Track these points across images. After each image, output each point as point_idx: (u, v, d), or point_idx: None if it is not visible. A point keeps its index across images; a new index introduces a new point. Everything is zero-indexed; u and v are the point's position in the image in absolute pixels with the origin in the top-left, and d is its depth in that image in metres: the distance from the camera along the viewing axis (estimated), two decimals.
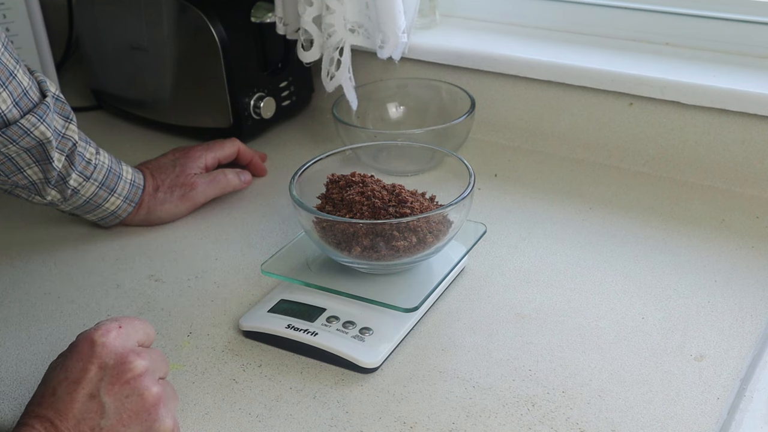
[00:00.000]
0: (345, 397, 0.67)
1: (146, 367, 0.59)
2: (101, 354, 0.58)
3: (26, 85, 0.77)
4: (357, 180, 0.77)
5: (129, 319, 0.62)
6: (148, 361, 0.59)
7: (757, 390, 0.68)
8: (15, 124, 0.76)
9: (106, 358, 0.58)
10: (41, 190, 0.82)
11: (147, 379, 0.59)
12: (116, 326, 0.60)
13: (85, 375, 0.57)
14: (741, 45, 0.98)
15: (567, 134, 1.04)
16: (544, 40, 1.07)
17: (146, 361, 0.59)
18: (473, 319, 0.75)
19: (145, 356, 0.60)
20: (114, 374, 0.57)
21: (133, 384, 0.58)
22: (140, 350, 0.60)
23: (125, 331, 0.60)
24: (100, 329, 0.59)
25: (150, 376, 0.59)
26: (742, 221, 0.88)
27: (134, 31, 1.08)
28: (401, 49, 1.00)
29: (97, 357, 0.58)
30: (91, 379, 0.57)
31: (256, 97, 1.08)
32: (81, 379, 0.57)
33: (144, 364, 0.59)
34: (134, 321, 0.62)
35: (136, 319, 0.63)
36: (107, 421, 0.57)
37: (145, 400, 0.58)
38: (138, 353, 0.59)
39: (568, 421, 0.63)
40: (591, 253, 0.84)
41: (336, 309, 0.73)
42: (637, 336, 0.72)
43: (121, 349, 0.59)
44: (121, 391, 0.57)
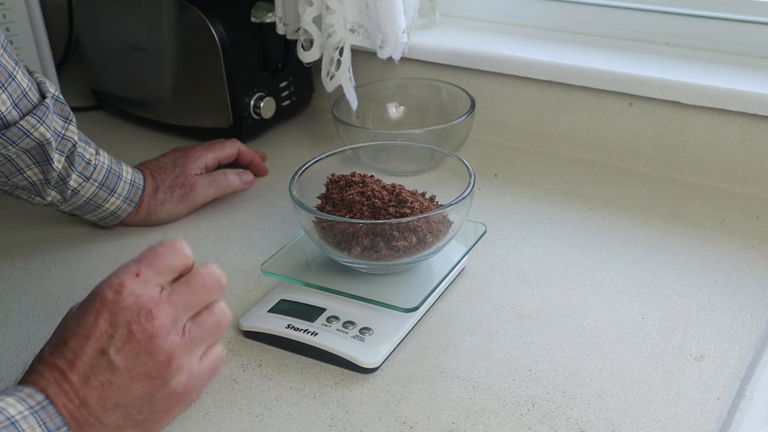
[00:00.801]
0: (345, 397, 0.67)
1: (161, 326, 0.55)
2: (112, 311, 0.54)
3: (25, 86, 0.77)
4: (357, 180, 0.77)
5: (152, 255, 0.57)
6: (166, 316, 0.55)
7: (757, 390, 0.68)
8: (14, 126, 0.76)
9: (117, 316, 0.54)
10: (41, 191, 0.82)
11: (160, 339, 0.55)
12: (133, 275, 0.56)
13: (94, 330, 0.54)
14: (741, 45, 0.98)
15: (567, 134, 1.04)
16: (544, 40, 1.07)
17: (163, 317, 0.55)
18: (473, 319, 0.75)
19: (164, 310, 0.55)
20: (125, 333, 0.54)
21: (144, 345, 0.54)
22: (159, 303, 0.55)
23: (143, 278, 0.56)
24: (113, 283, 0.55)
25: (164, 334, 0.55)
26: (742, 221, 0.88)
27: (134, 31, 1.08)
28: (401, 49, 1.00)
29: (108, 314, 0.54)
30: (101, 336, 0.54)
31: (256, 97, 1.08)
32: (91, 334, 0.54)
33: (159, 323, 0.55)
34: (159, 258, 0.57)
35: (162, 250, 0.57)
36: (117, 377, 0.54)
37: (156, 361, 0.55)
38: (156, 306, 0.55)
39: (568, 421, 0.63)
40: (591, 253, 0.84)
41: (336, 309, 0.73)
42: (637, 336, 0.72)
43: (135, 306, 0.55)
44: (131, 351, 0.54)
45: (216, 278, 0.59)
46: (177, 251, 0.58)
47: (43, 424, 0.53)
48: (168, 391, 0.56)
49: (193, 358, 0.57)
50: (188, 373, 0.57)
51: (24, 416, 0.52)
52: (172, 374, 0.56)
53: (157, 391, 0.56)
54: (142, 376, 0.55)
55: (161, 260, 0.57)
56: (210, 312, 0.59)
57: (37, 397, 0.53)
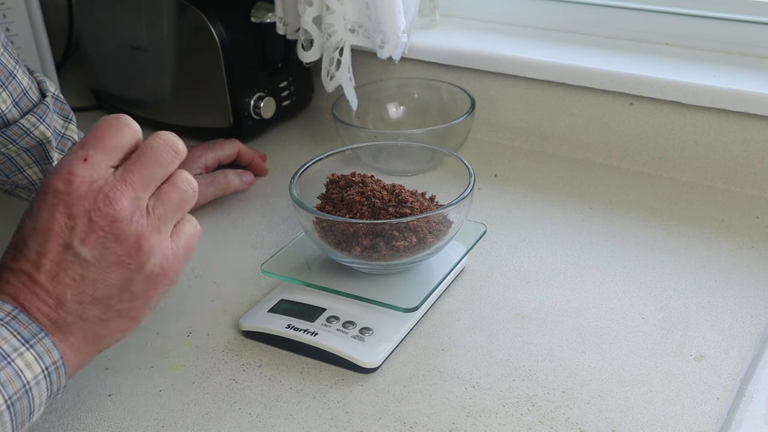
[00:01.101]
0: (345, 397, 0.67)
1: (122, 209, 0.51)
2: (67, 202, 0.51)
3: (26, 85, 0.77)
4: (357, 180, 0.77)
5: (97, 135, 0.53)
6: (125, 197, 0.52)
7: (757, 390, 0.68)
8: (15, 124, 0.76)
9: (73, 207, 0.51)
10: None
11: (124, 222, 0.51)
12: (80, 160, 0.52)
13: (52, 225, 0.51)
14: (741, 45, 0.98)
15: (567, 134, 1.04)
16: (544, 40, 1.07)
17: (122, 199, 0.51)
18: (473, 319, 0.75)
19: (122, 191, 0.52)
20: (85, 223, 0.51)
21: (109, 231, 0.51)
22: (114, 185, 0.52)
23: (92, 162, 0.52)
24: (62, 173, 0.51)
25: (127, 216, 0.51)
26: (742, 221, 0.88)
27: (134, 31, 1.08)
28: (401, 49, 1.00)
29: (63, 206, 0.51)
30: (61, 230, 0.51)
31: (256, 97, 1.08)
32: (50, 229, 0.51)
33: (120, 206, 0.51)
34: (104, 137, 0.53)
35: (106, 128, 0.53)
36: (89, 270, 0.51)
37: (125, 246, 0.51)
38: (112, 189, 0.51)
39: (568, 421, 0.63)
40: (591, 253, 0.84)
41: (336, 309, 0.73)
42: (637, 336, 0.72)
43: (90, 193, 0.51)
44: (97, 240, 0.51)
45: (171, 146, 0.55)
46: (122, 126, 0.54)
47: (17, 334, 0.50)
48: (145, 274, 0.53)
49: (163, 237, 0.54)
50: (162, 254, 0.53)
51: (38, 381, 0.50)
52: (145, 257, 0.52)
53: (134, 276, 0.52)
54: (114, 264, 0.51)
55: (108, 139, 0.53)
56: (172, 185, 0.55)
57: (6, 308, 0.50)
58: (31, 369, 0.50)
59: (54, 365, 0.51)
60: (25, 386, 0.49)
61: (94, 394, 0.68)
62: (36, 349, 0.50)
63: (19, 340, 0.50)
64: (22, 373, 0.49)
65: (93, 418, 0.66)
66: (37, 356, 0.50)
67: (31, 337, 0.50)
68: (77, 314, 0.52)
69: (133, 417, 0.66)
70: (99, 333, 0.53)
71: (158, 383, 0.69)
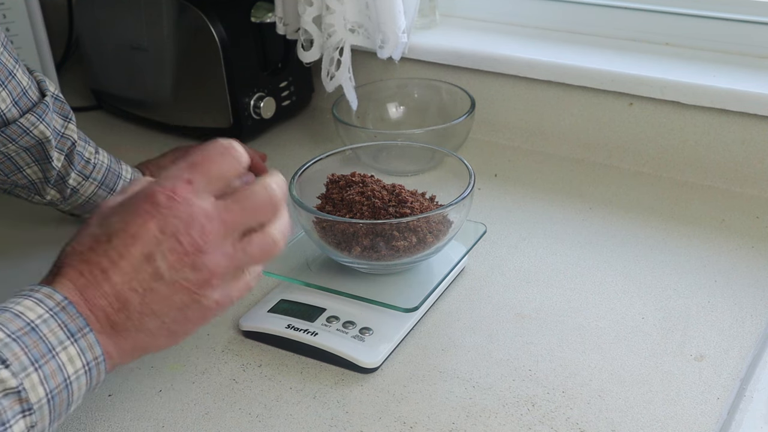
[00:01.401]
0: (345, 397, 0.67)
1: (211, 243, 0.53)
2: (165, 217, 0.51)
3: (25, 84, 0.77)
4: (357, 180, 0.77)
5: (205, 162, 0.54)
6: (217, 234, 0.53)
7: (757, 390, 0.68)
8: (14, 123, 0.76)
9: (168, 224, 0.52)
10: (41, 190, 0.82)
11: (207, 256, 0.52)
12: (185, 182, 0.53)
13: (143, 233, 0.51)
14: (741, 45, 0.98)
15: (567, 134, 1.04)
16: (544, 40, 1.07)
17: (214, 235, 0.53)
18: (473, 319, 0.75)
19: (216, 228, 0.53)
20: (173, 242, 0.52)
21: (190, 258, 0.52)
22: (212, 219, 0.53)
23: (196, 187, 0.53)
24: (166, 188, 0.52)
25: (212, 252, 0.53)
26: (742, 221, 0.88)
27: (134, 31, 1.08)
28: (401, 49, 1.00)
29: (160, 219, 0.51)
30: (150, 240, 0.51)
31: (256, 97, 1.08)
32: (139, 236, 0.51)
33: (210, 240, 0.53)
34: (211, 165, 0.54)
35: (215, 157, 0.54)
36: (160, 286, 0.52)
37: (198, 277, 0.53)
38: (208, 222, 0.53)
39: (568, 421, 0.63)
40: (591, 253, 0.84)
41: (336, 309, 0.73)
42: (637, 336, 0.72)
43: (187, 217, 0.52)
44: (177, 261, 0.52)
45: (272, 201, 0.56)
46: (231, 156, 0.55)
47: (64, 326, 0.50)
48: (203, 305, 0.54)
49: (233, 281, 0.55)
50: (222, 293, 0.55)
51: (44, 320, 0.50)
52: (210, 292, 0.54)
53: (193, 304, 0.54)
54: (182, 288, 0.53)
55: (215, 167, 0.54)
56: (262, 235, 0.56)
57: (56, 297, 0.51)
58: (73, 364, 0.50)
59: (95, 361, 0.52)
60: (66, 380, 0.50)
61: (94, 394, 0.68)
62: (80, 344, 0.51)
63: (65, 333, 0.50)
64: (65, 368, 0.50)
65: (93, 418, 0.66)
66: (80, 351, 0.51)
67: (77, 331, 0.51)
68: (135, 322, 0.53)
69: (133, 417, 0.66)
70: (146, 344, 0.55)
71: (158, 383, 0.69)
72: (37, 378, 0.48)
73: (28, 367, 0.48)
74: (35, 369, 0.49)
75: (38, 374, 0.49)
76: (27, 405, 0.48)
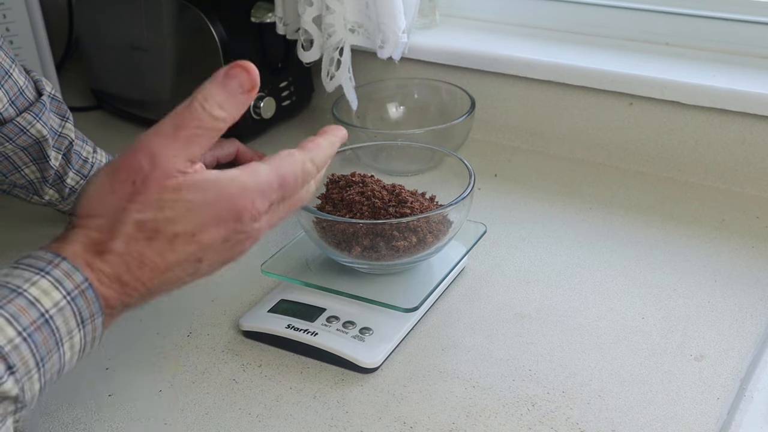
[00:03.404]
0: (345, 397, 0.67)
1: (260, 235, 0.55)
2: (236, 231, 0.53)
3: (22, 84, 0.77)
4: (357, 180, 0.77)
5: (289, 187, 0.56)
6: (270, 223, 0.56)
7: (757, 390, 0.68)
8: (11, 122, 0.76)
9: (237, 235, 0.53)
10: (39, 190, 0.82)
11: (251, 242, 0.55)
12: (268, 204, 0.54)
13: (212, 243, 0.52)
14: (741, 45, 0.98)
15: (567, 134, 1.04)
16: (544, 40, 1.07)
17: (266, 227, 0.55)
18: (473, 319, 0.75)
19: (274, 219, 0.55)
20: (227, 247, 0.53)
21: (231, 254, 0.55)
22: (262, 230, 0.55)
23: (273, 208, 0.55)
24: (255, 206, 0.53)
25: (255, 237, 0.55)
26: (742, 221, 0.88)
27: (134, 31, 1.08)
28: (401, 49, 1.00)
29: (232, 230, 0.52)
30: (212, 246, 0.52)
31: (256, 97, 1.07)
32: (207, 245, 0.52)
33: (250, 245, 0.55)
34: (291, 191, 0.56)
35: (295, 189, 0.57)
36: (198, 268, 0.54)
37: (237, 254, 0.55)
38: (259, 234, 0.55)
39: (568, 421, 0.63)
40: (591, 253, 0.84)
41: (336, 309, 0.73)
42: (637, 336, 0.72)
43: (251, 233, 0.54)
44: (218, 259, 0.54)
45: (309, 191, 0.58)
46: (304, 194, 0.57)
47: (77, 314, 0.48)
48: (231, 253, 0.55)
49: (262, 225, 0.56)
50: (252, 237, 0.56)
51: (60, 308, 0.47)
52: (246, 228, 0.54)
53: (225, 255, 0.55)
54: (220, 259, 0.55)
55: (292, 192, 0.56)
56: (289, 201, 0.57)
57: (76, 279, 0.48)
58: (49, 296, 0.48)
59: (78, 289, 0.49)
60: (43, 315, 0.47)
61: (94, 394, 0.68)
62: (53, 274, 0.48)
63: (76, 321, 0.48)
64: (38, 302, 0.47)
65: (93, 418, 0.66)
66: (55, 281, 0.48)
67: (89, 317, 0.49)
68: (148, 293, 0.53)
69: (133, 417, 0.66)
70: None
71: (158, 383, 0.69)
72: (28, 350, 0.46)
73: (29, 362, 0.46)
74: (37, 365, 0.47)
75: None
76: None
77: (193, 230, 0.51)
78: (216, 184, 0.52)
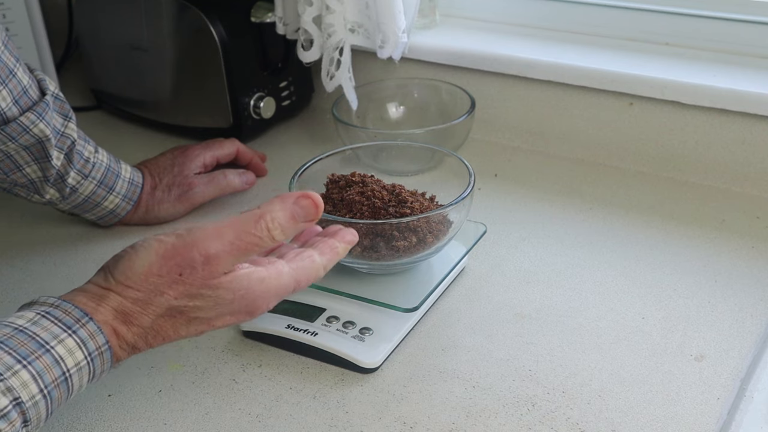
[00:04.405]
0: (345, 397, 0.67)
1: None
2: (248, 310, 0.59)
3: (26, 83, 0.77)
4: (357, 180, 0.77)
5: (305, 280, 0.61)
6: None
7: (757, 390, 0.68)
8: (14, 122, 0.76)
9: (247, 307, 0.59)
10: (40, 189, 0.82)
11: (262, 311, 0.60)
12: (289, 294, 0.61)
13: (222, 326, 0.59)
14: (741, 45, 0.98)
15: (567, 134, 1.04)
16: (544, 40, 1.07)
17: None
18: (473, 319, 0.75)
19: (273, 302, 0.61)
20: (231, 310, 0.58)
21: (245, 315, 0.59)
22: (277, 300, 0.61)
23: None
24: (267, 308, 0.60)
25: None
26: (742, 221, 0.88)
27: (134, 31, 1.08)
28: (401, 49, 1.00)
29: (243, 321, 0.59)
30: (220, 316, 0.58)
31: (256, 97, 1.08)
32: (216, 327, 0.58)
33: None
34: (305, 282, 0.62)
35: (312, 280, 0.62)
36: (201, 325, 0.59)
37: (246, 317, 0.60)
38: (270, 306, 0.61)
39: (568, 421, 0.63)
40: (591, 253, 0.84)
41: (336, 309, 0.73)
42: (637, 336, 0.72)
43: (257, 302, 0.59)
44: (222, 321, 0.59)
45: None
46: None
47: (92, 372, 0.54)
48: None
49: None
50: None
51: (80, 368, 0.53)
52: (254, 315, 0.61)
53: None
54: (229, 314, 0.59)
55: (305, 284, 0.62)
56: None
57: (99, 341, 0.54)
58: (72, 356, 0.53)
59: (98, 350, 0.54)
60: (64, 374, 0.52)
61: (94, 394, 0.68)
62: (80, 334, 0.53)
63: (88, 371, 0.54)
64: (63, 361, 0.52)
65: (93, 418, 0.66)
66: (80, 341, 0.53)
67: (100, 372, 0.55)
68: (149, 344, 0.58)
69: (133, 417, 0.66)
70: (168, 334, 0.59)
71: (158, 383, 0.69)
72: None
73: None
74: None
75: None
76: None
77: (211, 317, 0.58)
78: (246, 285, 0.58)
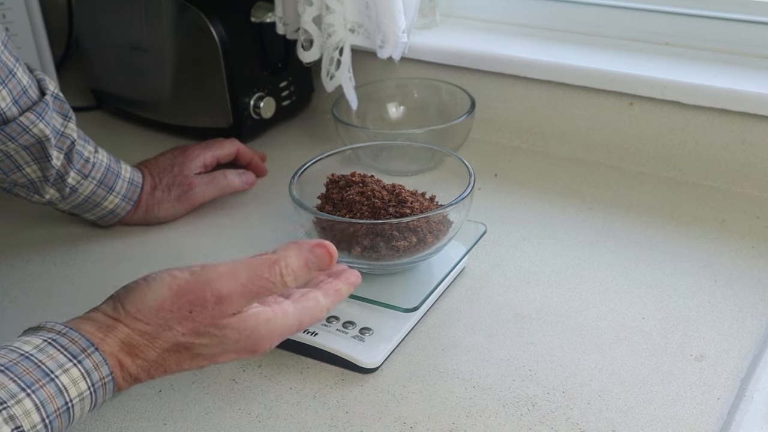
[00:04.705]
0: (345, 397, 0.67)
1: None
2: (250, 349, 0.59)
3: (26, 83, 0.77)
4: (357, 180, 0.77)
5: (308, 319, 0.62)
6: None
7: (757, 390, 0.68)
8: (14, 122, 0.76)
9: (252, 350, 0.59)
10: (40, 189, 0.82)
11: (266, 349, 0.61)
12: (294, 333, 0.62)
13: (223, 362, 0.59)
14: (741, 45, 0.98)
15: (567, 134, 1.04)
16: (544, 40, 1.07)
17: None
18: (473, 319, 0.75)
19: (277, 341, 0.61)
20: (238, 349, 0.59)
21: (248, 353, 0.60)
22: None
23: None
24: (270, 346, 0.60)
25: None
26: (742, 221, 0.88)
27: (134, 31, 1.08)
28: (401, 49, 1.00)
29: (248, 354, 0.59)
30: (224, 353, 0.59)
31: (256, 97, 1.08)
32: (218, 362, 0.59)
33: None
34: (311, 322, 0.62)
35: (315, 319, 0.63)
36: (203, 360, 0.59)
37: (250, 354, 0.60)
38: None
39: (568, 421, 0.63)
40: (591, 253, 0.84)
41: (336, 309, 0.73)
42: (637, 336, 0.72)
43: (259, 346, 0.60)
44: (227, 357, 0.60)
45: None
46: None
47: (94, 402, 0.54)
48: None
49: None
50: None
51: (82, 398, 0.53)
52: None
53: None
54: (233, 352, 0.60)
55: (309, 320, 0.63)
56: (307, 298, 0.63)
57: (103, 371, 0.54)
58: (76, 386, 0.53)
59: (102, 381, 0.54)
60: (67, 404, 0.52)
61: None
62: (85, 365, 0.53)
63: (90, 402, 0.54)
64: (66, 391, 0.52)
65: (93, 418, 0.66)
66: (85, 372, 0.53)
67: (101, 401, 0.55)
68: (152, 375, 0.58)
69: (133, 417, 0.66)
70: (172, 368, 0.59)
71: (158, 383, 0.69)
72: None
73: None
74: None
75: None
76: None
77: (215, 354, 0.58)
78: (253, 326, 0.58)
